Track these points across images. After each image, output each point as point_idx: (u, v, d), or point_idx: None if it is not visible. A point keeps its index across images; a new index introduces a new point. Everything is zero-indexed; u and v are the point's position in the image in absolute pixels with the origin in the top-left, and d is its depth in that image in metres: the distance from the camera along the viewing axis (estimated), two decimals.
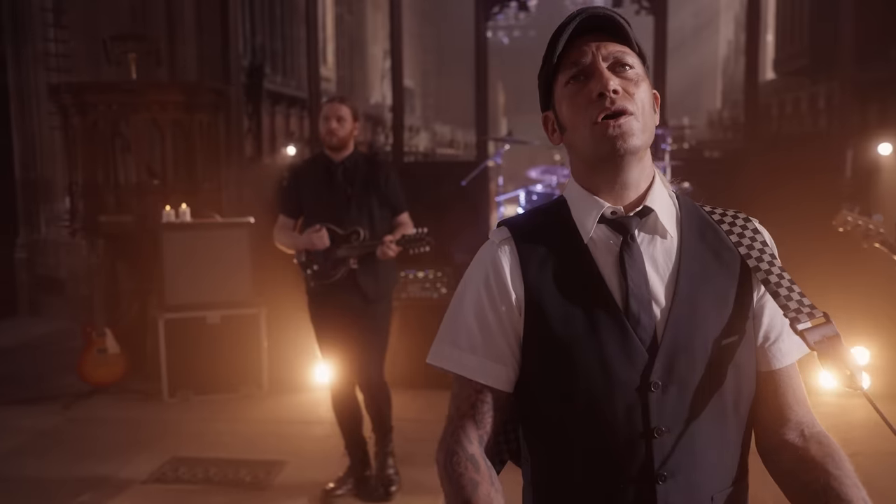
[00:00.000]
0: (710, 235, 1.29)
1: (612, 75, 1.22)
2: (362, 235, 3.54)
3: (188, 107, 5.58)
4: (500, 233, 1.33)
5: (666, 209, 1.28)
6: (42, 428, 4.73)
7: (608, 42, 1.24)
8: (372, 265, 3.58)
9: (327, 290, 3.62)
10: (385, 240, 3.51)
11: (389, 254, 3.51)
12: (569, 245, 1.27)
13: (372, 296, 3.60)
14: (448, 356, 1.29)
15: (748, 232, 1.30)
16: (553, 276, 1.26)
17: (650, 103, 1.26)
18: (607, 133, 1.20)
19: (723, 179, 6.80)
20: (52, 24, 6.87)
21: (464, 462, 1.24)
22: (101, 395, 5.23)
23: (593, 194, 1.27)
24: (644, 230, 1.26)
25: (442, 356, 1.30)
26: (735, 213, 1.34)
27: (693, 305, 1.23)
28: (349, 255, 3.54)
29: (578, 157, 1.28)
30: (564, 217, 1.30)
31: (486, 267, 1.30)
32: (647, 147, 1.25)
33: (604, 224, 1.27)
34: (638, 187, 1.27)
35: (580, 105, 1.23)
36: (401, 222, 3.71)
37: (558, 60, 1.26)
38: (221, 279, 5.18)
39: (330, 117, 3.61)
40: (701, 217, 1.31)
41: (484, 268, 1.30)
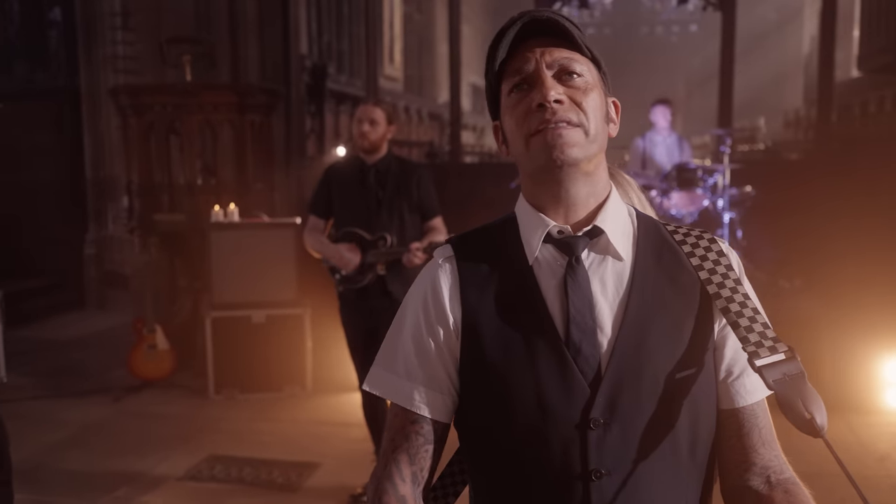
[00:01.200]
0: (667, 258, 1.16)
1: (556, 83, 1.11)
2: (389, 241, 3.48)
3: (240, 108, 5.65)
4: (444, 251, 1.23)
5: (620, 229, 1.16)
6: (90, 420, 4.86)
7: (554, 48, 1.13)
8: (401, 270, 3.52)
9: (356, 294, 3.58)
10: (411, 247, 3.44)
11: (415, 262, 3.43)
12: (513, 265, 1.17)
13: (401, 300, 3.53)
14: (383, 382, 1.20)
15: (712, 254, 1.16)
16: (493, 298, 1.15)
17: (602, 113, 1.14)
18: (545, 141, 1.09)
19: (794, 183, 6.47)
20: (119, 28, 7.09)
21: (392, 502, 1.15)
22: (151, 389, 5.35)
23: (539, 212, 1.17)
24: (595, 251, 1.15)
25: (377, 381, 1.21)
26: (701, 232, 1.20)
27: (642, 334, 1.10)
28: (376, 261, 3.49)
29: (523, 171, 1.18)
30: (512, 235, 1.20)
31: (426, 287, 1.21)
32: (596, 160, 1.14)
33: (550, 244, 1.16)
34: (587, 205, 1.15)
35: (520, 116, 1.12)
36: (432, 227, 3.64)
37: (502, 67, 1.15)
38: (267, 279, 5.22)
39: (363, 120, 3.57)
40: (660, 238, 1.19)
41: (423, 288, 1.21)
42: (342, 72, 10.63)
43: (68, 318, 7.58)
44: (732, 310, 1.10)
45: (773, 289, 5.35)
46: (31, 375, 5.71)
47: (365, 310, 3.57)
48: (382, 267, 3.49)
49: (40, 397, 5.27)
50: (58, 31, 8.28)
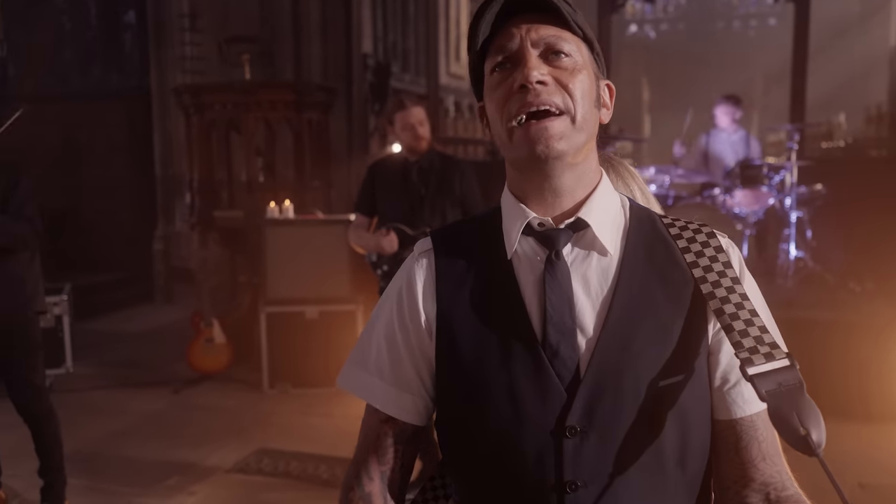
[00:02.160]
0: (660, 253, 1.08)
1: (542, 63, 1.04)
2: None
3: (298, 106, 5.71)
4: (423, 244, 1.18)
5: (609, 221, 1.09)
6: (149, 411, 5.00)
7: (541, 24, 1.05)
8: None
9: None
10: None
11: None
12: (492, 259, 1.11)
13: None
14: (355, 380, 1.16)
15: (709, 250, 1.08)
16: (469, 294, 1.09)
17: (592, 97, 1.07)
18: (528, 134, 1.02)
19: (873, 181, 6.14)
20: (187, 29, 7.27)
21: (356, 501, 1.11)
22: (209, 382, 5.47)
23: (521, 202, 1.10)
24: (579, 245, 1.08)
25: (349, 379, 1.17)
26: (700, 226, 1.11)
27: (627, 336, 1.03)
28: None
29: (506, 158, 1.11)
30: (494, 227, 1.13)
31: (402, 282, 1.16)
32: (584, 150, 1.07)
33: (532, 237, 1.09)
34: (573, 195, 1.08)
35: (501, 98, 1.05)
36: None
37: (485, 45, 1.09)
38: (321, 275, 5.26)
39: (414, 125, 3.54)
40: (654, 231, 1.10)
41: (399, 283, 1.17)
42: (407, 70, 10.67)
43: (137, 312, 7.84)
44: (727, 311, 1.01)
45: (842, 292, 5.08)
46: (98, 366, 5.91)
47: None
48: None
49: (104, 387, 5.45)
50: (132, 33, 8.57)
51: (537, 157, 1.02)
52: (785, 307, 5.02)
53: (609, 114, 1.13)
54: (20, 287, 3.28)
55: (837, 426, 1.01)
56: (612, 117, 1.17)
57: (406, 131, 3.56)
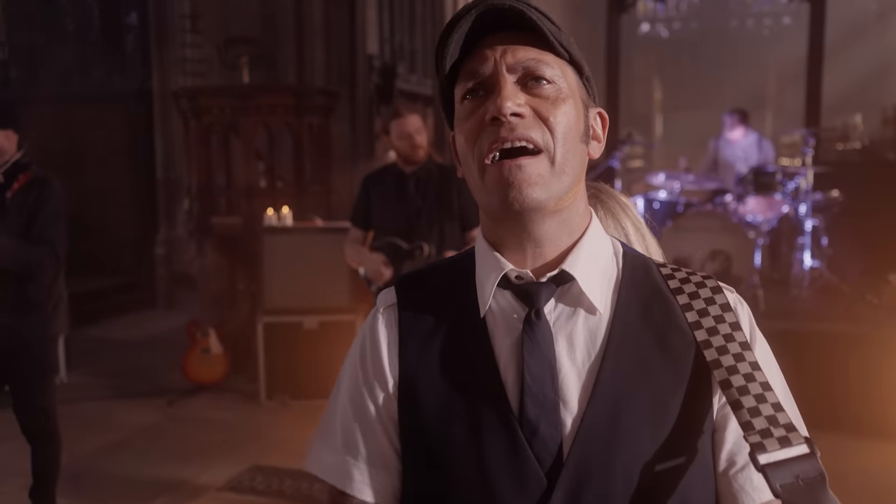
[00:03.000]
0: (658, 311, 0.92)
1: (518, 92, 0.88)
2: (426, 251, 3.29)
3: (298, 109, 5.57)
4: (386, 296, 1.03)
5: (599, 273, 0.93)
6: (143, 424, 4.87)
7: (520, 46, 0.90)
8: None
9: None
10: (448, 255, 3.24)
11: None
12: (463, 316, 0.95)
13: None
14: (325, 462, 0.99)
15: (714, 308, 0.92)
16: (438, 358, 0.94)
17: (577, 131, 0.91)
18: (501, 177, 0.87)
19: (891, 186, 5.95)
20: (188, 31, 7.15)
21: None
22: (206, 393, 5.33)
23: (496, 250, 0.95)
24: (563, 301, 0.92)
25: (316, 461, 1.00)
26: (703, 278, 0.95)
27: (617, 411, 0.87)
28: None
29: (477, 201, 0.95)
30: (467, 277, 0.97)
31: (364, 341, 1.00)
32: (568, 196, 0.91)
33: (509, 291, 0.94)
34: (556, 244, 0.92)
35: (472, 131, 0.90)
36: (473, 238, 3.43)
37: (456, 67, 0.93)
38: (320, 284, 5.12)
39: (412, 133, 3.38)
40: (650, 284, 0.94)
41: (362, 342, 1.01)
42: (414, 71, 10.51)
43: (138, 318, 7.73)
44: (735, 384, 0.85)
45: (860, 304, 4.89)
46: (94, 375, 5.80)
47: None
48: None
49: (98, 398, 5.32)
50: (134, 34, 8.46)
51: (508, 206, 0.87)
52: (800, 319, 4.85)
53: (600, 147, 0.98)
54: (38, 310, 3.18)
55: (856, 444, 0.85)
56: (622, 119, 1.01)
57: (403, 140, 3.41)
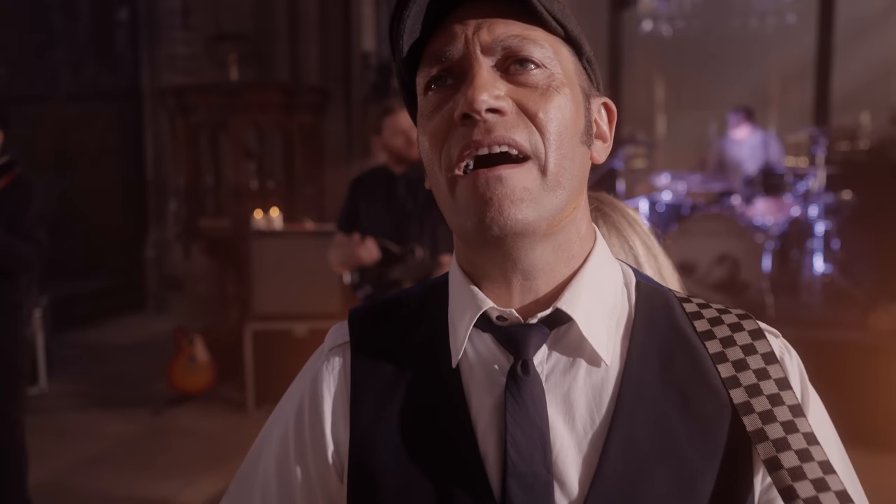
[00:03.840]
0: (682, 363, 0.71)
1: (497, 79, 0.68)
2: (419, 255, 3.07)
3: (288, 107, 5.37)
4: (337, 333, 0.82)
5: (605, 312, 0.72)
6: (125, 436, 4.67)
7: (499, 18, 0.69)
8: None
9: None
10: (442, 260, 3.03)
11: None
12: (432, 366, 0.74)
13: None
14: None
15: (755, 358, 0.71)
16: (399, 422, 0.73)
17: (576, 129, 0.70)
18: (475, 192, 0.66)
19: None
20: (178, 27, 6.95)
21: None
22: (192, 402, 5.13)
23: (473, 281, 0.74)
24: (559, 350, 0.71)
25: None
26: (739, 317, 0.74)
27: (630, 496, 0.66)
28: (404, 278, 3.09)
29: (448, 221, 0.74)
30: (437, 313, 0.77)
31: (304, 391, 0.80)
32: (566, 211, 0.69)
33: (489, 335, 0.73)
34: (550, 274, 0.71)
35: (438, 131, 0.69)
36: None
37: (417, 47, 0.72)
38: (310, 289, 4.92)
39: (406, 130, 3.16)
40: (672, 327, 0.73)
41: (300, 391, 0.81)
42: None
43: (127, 321, 7.52)
44: (786, 463, 0.64)
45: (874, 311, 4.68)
46: (77, 383, 5.59)
47: None
48: (410, 283, 3.08)
49: (79, 408, 5.12)
50: (124, 31, 8.25)
51: (488, 231, 0.66)
52: (810, 327, 4.64)
53: (607, 148, 0.77)
54: (14, 311, 3.11)
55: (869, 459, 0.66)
56: (624, 118, 0.81)
57: (397, 136, 3.19)
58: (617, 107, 0.78)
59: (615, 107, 0.78)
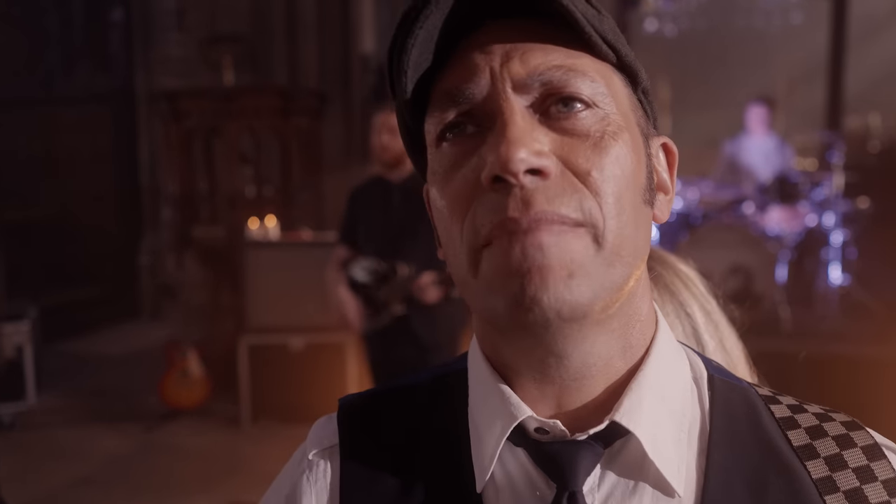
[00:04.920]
0: (777, 494, 0.53)
1: (537, 125, 0.51)
2: (401, 273, 2.88)
3: (284, 112, 5.19)
4: (323, 431, 0.65)
5: (672, 422, 0.54)
6: (116, 453, 4.50)
7: (534, 43, 0.52)
8: (427, 308, 2.93)
9: (377, 337, 3.03)
10: (420, 281, 2.84)
11: (428, 299, 2.84)
12: (448, 487, 0.57)
13: (429, 344, 2.95)
14: None
15: (874, 489, 0.53)
16: None
17: (638, 185, 0.53)
18: (508, 264, 0.49)
19: None
20: (173, 28, 6.78)
21: None
22: (186, 417, 4.96)
23: (503, 378, 0.56)
24: (614, 470, 0.54)
25: None
26: (846, 426, 0.56)
27: None
28: (391, 298, 2.91)
29: (471, 305, 0.57)
30: (456, 416, 0.60)
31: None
32: (625, 289, 0.53)
33: (523, 451, 0.56)
34: (604, 372, 0.54)
35: (458, 196, 0.53)
36: None
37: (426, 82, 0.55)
38: (308, 302, 4.74)
39: (381, 129, 2.99)
40: (760, 441, 0.55)
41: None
42: None
43: (120, 330, 7.34)
44: None
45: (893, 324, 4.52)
46: (68, 397, 5.41)
47: (388, 356, 3.02)
48: (400, 305, 2.90)
49: (69, 424, 4.94)
50: (118, 32, 8.07)
51: (526, 315, 0.49)
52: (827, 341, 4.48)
53: (670, 201, 0.59)
54: None
55: None
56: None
57: (374, 136, 3.03)
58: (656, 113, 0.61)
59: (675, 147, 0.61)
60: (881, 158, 7.86)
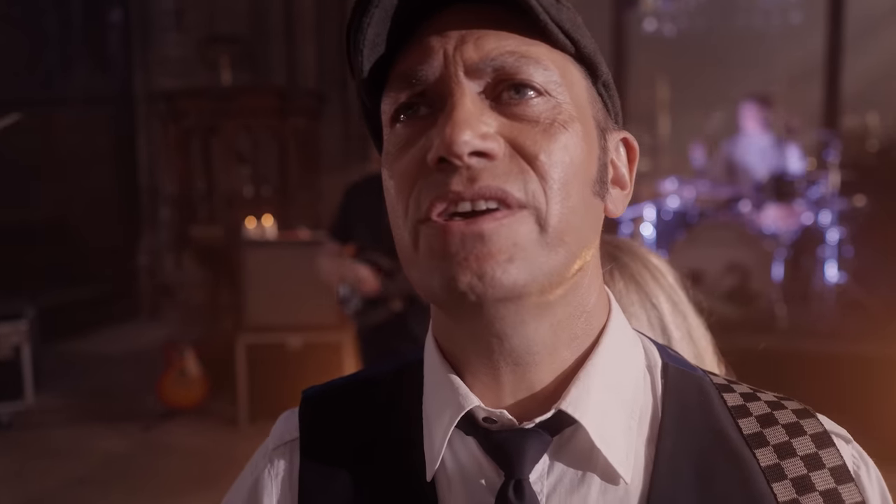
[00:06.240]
0: (724, 481, 0.54)
1: (486, 109, 0.52)
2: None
3: (282, 112, 5.20)
4: (284, 426, 0.66)
5: (621, 411, 0.55)
6: (113, 453, 4.51)
7: (489, 29, 0.53)
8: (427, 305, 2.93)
9: (373, 333, 3.03)
10: None
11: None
12: (402, 475, 0.58)
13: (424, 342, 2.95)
14: None
15: (821, 475, 0.54)
16: None
17: (588, 175, 0.54)
18: (444, 248, 0.50)
19: None
20: (172, 29, 6.79)
21: None
22: (184, 417, 4.97)
23: (453, 367, 0.57)
24: (562, 460, 0.55)
25: None
26: (797, 413, 0.57)
27: None
28: (392, 294, 2.92)
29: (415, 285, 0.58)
30: (412, 407, 0.61)
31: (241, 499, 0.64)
32: (568, 274, 0.53)
33: (473, 440, 0.56)
34: (550, 359, 0.55)
35: (406, 175, 0.54)
36: None
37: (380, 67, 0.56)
38: (305, 300, 4.76)
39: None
40: (710, 429, 0.56)
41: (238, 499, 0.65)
42: None
43: (119, 330, 7.36)
44: None
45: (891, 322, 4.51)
46: (66, 396, 5.43)
47: (383, 354, 3.02)
48: (399, 302, 2.91)
49: (67, 423, 4.95)
50: (117, 33, 8.09)
51: (459, 298, 0.50)
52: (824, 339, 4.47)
53: (626, 196, 0.60)
54: None
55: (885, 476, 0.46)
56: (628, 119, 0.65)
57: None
58: (620, 108, 0.62)
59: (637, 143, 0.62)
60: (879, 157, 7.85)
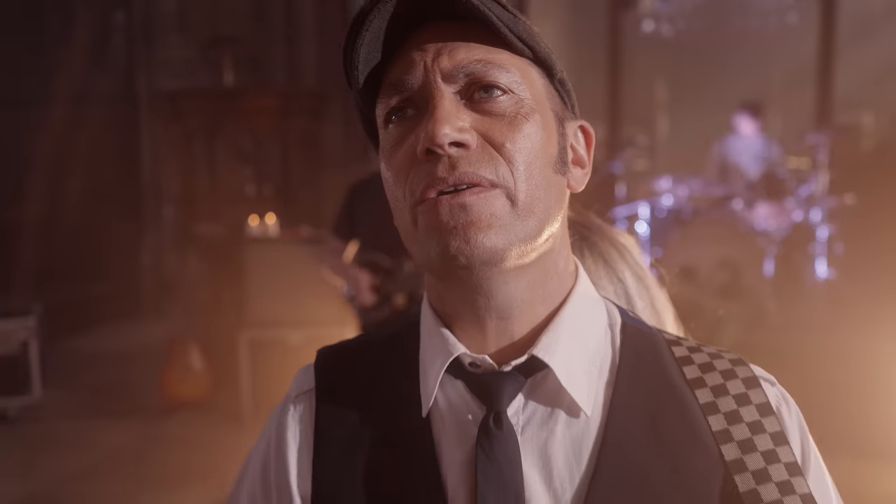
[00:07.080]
0: (671, 416, 0.65)
1: (461, 108, 0.63)
2: (407, 268, 3.00)
3: (284, 112, 5.31)
4: (303, 378, 0.77)
5: (586, 358, 0.67)
6: (116, 446, 4.61)
7: (460, 42, 0.64)
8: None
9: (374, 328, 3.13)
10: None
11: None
12: (402, 413, 0.70)
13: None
14: None
15: (749, 410, 0.65)
16: (363, 474, 0.69)
17: (548, 157, 0.65)
18: (437, 220, 0.62)
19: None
20: (174, 30, 6.90)
21: None
22: (187, 411, 5.07)
23: (444, 323, 0.69)
24: (535, 399, 0.66)
25: None
26: (732, 362, 0.68)
27: None
28: (395, 292, 3.02)
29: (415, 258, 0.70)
30: (408, 356, 0.72)
31: (269, 441, 0.76)
32: (539, 240, 0.64)
33: (461, 382, 0.67)
34: (528, 314, 0.67)
35: (400, 167, 0.65)
36: None
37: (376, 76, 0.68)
38: (306, 297, 4.86)
39: None
40: (661, 374, 0.68)
41: (266, 444, 0.77)
42: None
43: (123, 327, 7.46)
44: None
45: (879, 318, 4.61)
46: (71, 391, 5.53)
47: None
48: (403, 299, 3.02)
49: (73, 417, 5.05)
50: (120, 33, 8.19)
51: (454, 261, 0.61)
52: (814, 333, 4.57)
53: (586, 174, 0.71)
54: None
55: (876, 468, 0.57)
56: (625, 119, 0.75)
57: None
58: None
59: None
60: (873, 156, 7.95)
